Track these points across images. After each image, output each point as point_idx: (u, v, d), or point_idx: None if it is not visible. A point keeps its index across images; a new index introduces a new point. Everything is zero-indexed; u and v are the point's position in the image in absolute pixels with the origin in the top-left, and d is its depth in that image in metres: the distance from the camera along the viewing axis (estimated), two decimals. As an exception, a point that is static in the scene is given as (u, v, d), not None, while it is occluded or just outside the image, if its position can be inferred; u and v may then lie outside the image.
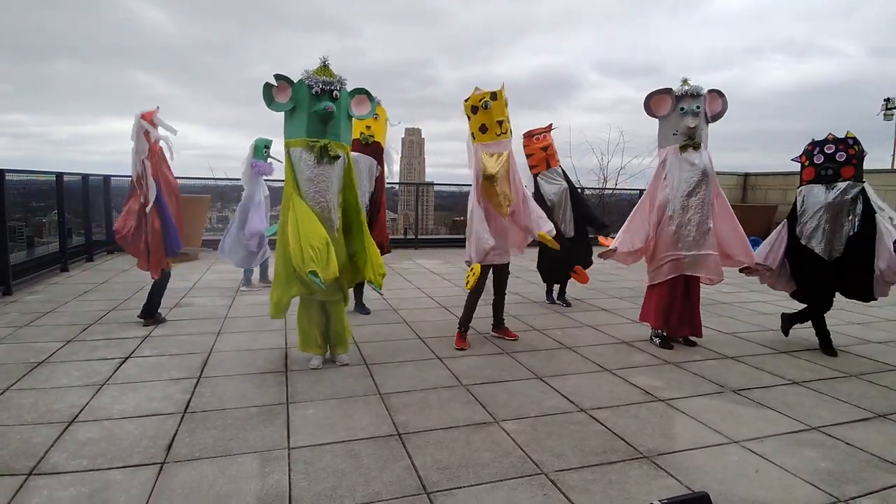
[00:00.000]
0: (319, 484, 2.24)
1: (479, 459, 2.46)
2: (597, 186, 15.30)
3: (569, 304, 5.80)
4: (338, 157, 3.41)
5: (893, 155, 19.29)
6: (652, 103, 4.10)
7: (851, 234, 4.01)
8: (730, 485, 2.31)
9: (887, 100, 19.56)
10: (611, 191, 15.56)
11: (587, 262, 5.65)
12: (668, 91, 4.04)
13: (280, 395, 3.15)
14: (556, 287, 5.95)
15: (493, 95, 3.87)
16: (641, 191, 13.56)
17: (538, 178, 5.59)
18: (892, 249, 3.86)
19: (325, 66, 3.38)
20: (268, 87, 3.29)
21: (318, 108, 3.26)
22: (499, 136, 3.94)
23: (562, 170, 5.64)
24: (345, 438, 2.64)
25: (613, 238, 4.55)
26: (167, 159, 4.52)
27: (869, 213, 3.97)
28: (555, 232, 4.18)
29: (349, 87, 3.48)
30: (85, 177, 7.89)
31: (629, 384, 3.47)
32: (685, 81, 4.07)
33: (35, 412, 2.83)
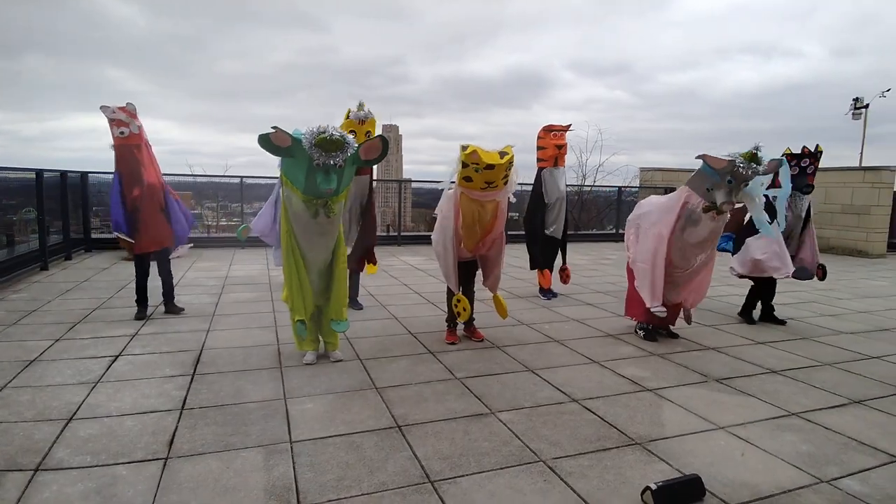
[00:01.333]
0: (325, 475, 2.28)
1: (479, 449, 2.54)
2: (576, 184, 15.50)
3: (554, 295, 6.00)
4: (335, 214, 3.36)
5: (861, 153, 19.92)
6: (709, 159, 3.80)
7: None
8: (718, 468, 2.42)
9: (856, 99, 20.13)
10: (589, 188, 15.79)
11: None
12: (730, 162, 3.70)
13: (277, 391, 3.17)
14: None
15: (490, 167, 3.52)
16: (620, 188, 13.81)
17: (543, 173, 5.76)
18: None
19: (330, 138, 3.05)
20: (265, 138, 3.07)
21: (319, 187, 3.13)
22: (483, 189, 3.67)
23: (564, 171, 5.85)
24: (345, 431, 2.68)
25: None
26: (146, 158, 4.62)
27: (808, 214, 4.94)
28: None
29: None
30: (63, 173, 7.73)
31: (618, 375, 3.58)
32: (755, 155, 3.69)
33: (34, 409, 2.82)
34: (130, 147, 4.49)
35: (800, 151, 4.65)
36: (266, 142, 3.09)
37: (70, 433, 2.57)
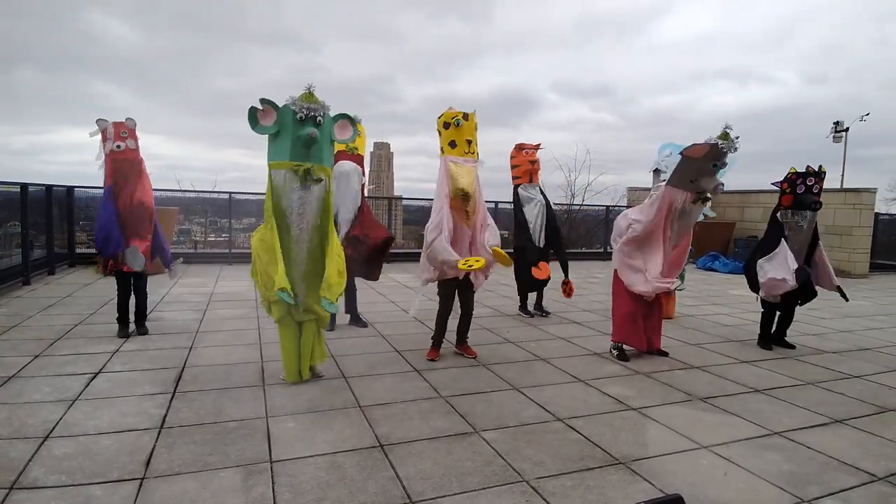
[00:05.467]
0: (304, 496, 2.25)
1: (461, 468, 2.52)
2: (565, 202, 15.64)
3: (547, 314, 5.98)
4: (321, 180, 3.45)
5: (843, 175, 20.34)
6: (690, 152, 3.89)
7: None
8: (701, 487, 2.42)
9: (836, 123, 20.63)
10: (578, 206, 15.92)
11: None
12: (712, 146, 3.84)
13: (258, 409, 3.13)
14: (532, 298, 6.11)
15: (465, 116, 4.06)
16: (607, 207, 13.93)
17: (519, 189, 5.85)
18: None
19: (310, 93, 3.41)
20: (253, 111, 3.29)
21: (303, 133, 3.28)
22: (466, 153, 4.06)
23: (540, 187, 5.90)
24: (327, 451, 2.65)
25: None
26: (142, 175, 4.55)
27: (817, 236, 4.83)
28: (499, 243, 4.12)
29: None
30: (48, 188, 7.67)
31: (602, 394, 3.58)
32: (727, 134, 3.85)
33: (10, 426, 2.76)
34: (126, 161, 4.41)
35: (804, 170, 4.66)
36: (253, 116, 3.30)
37: (46, 452, 2.52)
